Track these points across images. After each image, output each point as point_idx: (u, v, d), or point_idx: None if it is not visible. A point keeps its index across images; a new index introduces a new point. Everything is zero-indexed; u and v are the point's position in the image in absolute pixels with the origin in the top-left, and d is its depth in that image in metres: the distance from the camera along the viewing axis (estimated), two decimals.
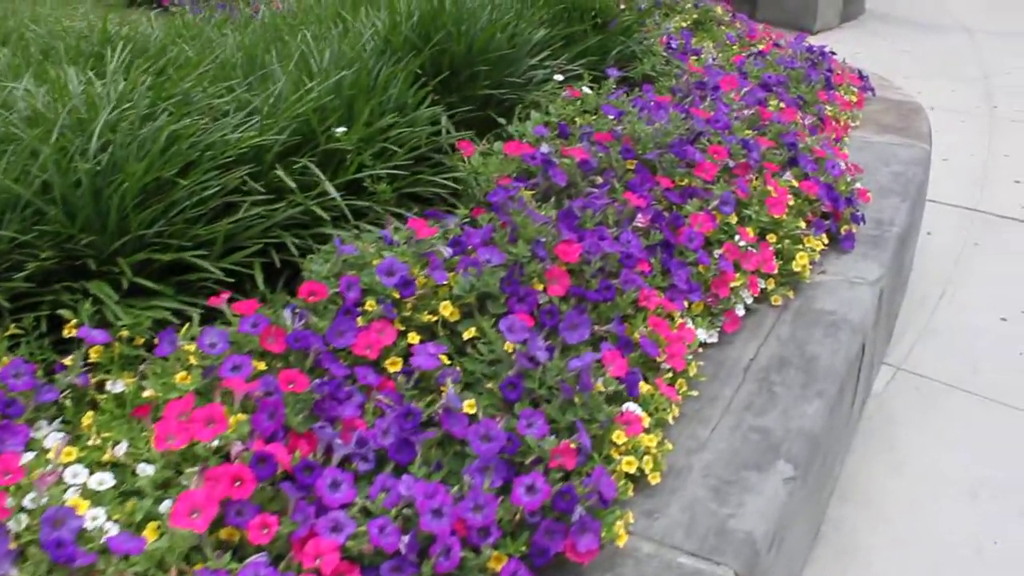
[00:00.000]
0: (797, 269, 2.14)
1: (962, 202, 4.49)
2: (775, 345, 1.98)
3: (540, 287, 1.77)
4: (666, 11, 4.10)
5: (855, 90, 3.45)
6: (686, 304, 1.91)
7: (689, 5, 4.10)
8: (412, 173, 2.11)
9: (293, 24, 2.96)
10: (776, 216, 2.14)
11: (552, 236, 1.85)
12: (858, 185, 2.63)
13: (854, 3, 7.82)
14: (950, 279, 3.75)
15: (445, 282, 1.72)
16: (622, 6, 3.68)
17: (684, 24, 3.97)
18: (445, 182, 2.09)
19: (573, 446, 1.45)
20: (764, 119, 2.58)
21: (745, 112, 2.60)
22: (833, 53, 3.96)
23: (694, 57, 3.37)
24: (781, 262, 2.18)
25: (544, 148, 2.23)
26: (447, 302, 1.71)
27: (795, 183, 2.28)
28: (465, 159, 2.19)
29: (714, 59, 3.42)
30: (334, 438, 1.44)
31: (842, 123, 3.15)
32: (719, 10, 4.13)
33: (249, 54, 2.52)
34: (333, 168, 2.06)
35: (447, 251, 1.80)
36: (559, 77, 2.48)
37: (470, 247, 1.83)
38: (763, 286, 2.11)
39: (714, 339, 1.96)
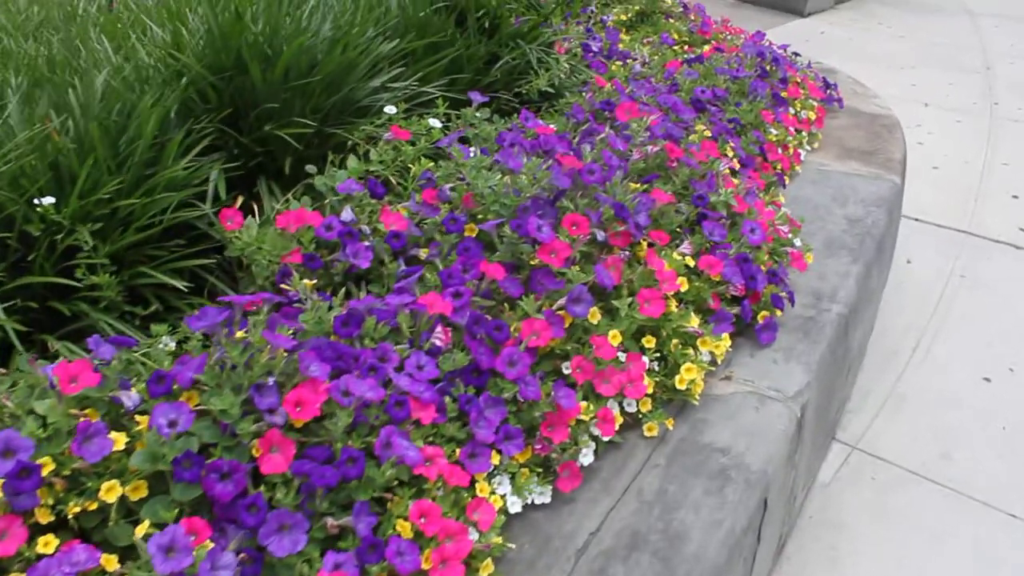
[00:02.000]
0: (682, 388, 1.53)
1: (951, 222, 3.83)
2: (633, 508, 1.37)
3: (260, 454, 1.17)
4: (605, 0, 3.44)
5: (814, 104, 2.79)
6: (496, 462, 1.31)
7: None
8: (150, 257, 1.51)
9: (105, 27, 2.34)
10: (654, 317, 1.52)
11: (291, 374, 1.25)
12: (796, 243, 2.00)
13: None
14: (928, 325, 3.12)
15: (102, 459, 1.13)
16: None
17: (624, 16, 3.32)
18: (165, 280, 1.48)
19: None
20: (672, 159, 1.95)
21: (649, 149, 1.97)
22: (796, 55, 3.30)
23: (618, 63, 2.73)
24: (664, 373, 1.57)
25: (346, 215, 1.62)
26: (114, 482, 1.13)
27: (690, 261, 1.66)
28: (241, 230, 1.59)
29: (644, 65, 2.77)
30: None
31: (792, 150, 2.50)
32: (668, 0, 3.46)
33: None
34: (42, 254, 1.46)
35: (131, 400, 1.21)
36: (391, 109, 1.85)
37: (177, 386, 1.24)
38: (633, 410, 1.51)
39: (546, 499, 1.37)
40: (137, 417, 1.22)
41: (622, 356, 1.51)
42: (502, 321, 1.41)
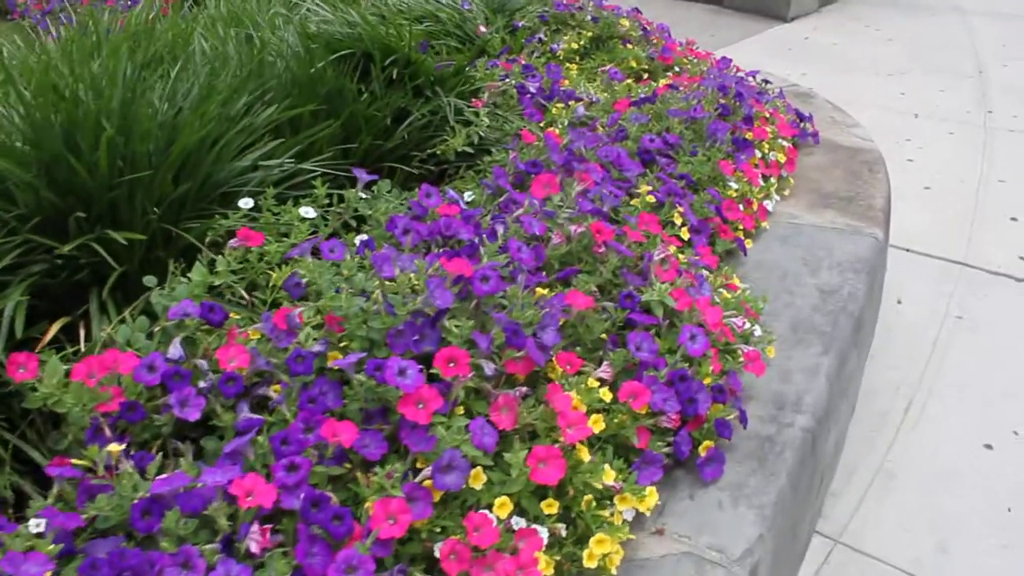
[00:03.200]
0: (592, 565, 1.18)
1: (945, 251, 3.46)
2: None
3: None
4: (556, 26, 3.08)
5: (784, 145, 2.43)
6: None
7: (588, 18, 3.07)
8: None
9: None
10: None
11: None
12: (755, 331, 1.65)
13: None
14: (921, 380, 2.75)
15: None
16: (482, 29, 2.68)
17: (576, 44, 2.95)
18: None
19: None
20: (599, 242, 1.59)
21: (573, 230, 1.61)
22: (767, 81, 2.93)
23: (560, 105, 2.37)
24: (573, 539, 1.22)
25: (174, 350, 1.27)
26: None
27: (606, 394, 1.30)
28: (41, 377, 1.24)
29: (590, 106, 2.41)
30: None
31: (756, 205, 2.14)
32: (626, 23, 3.09)
33: None
34: None
35: None
36: (247, 203, 1.50)
37: None
38: None
39: None
40: None
41: (516, 521, 1.17)
42: (344, 508, 1.06)
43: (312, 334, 1.32)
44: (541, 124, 2.24)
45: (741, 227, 2.02)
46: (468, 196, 1.84)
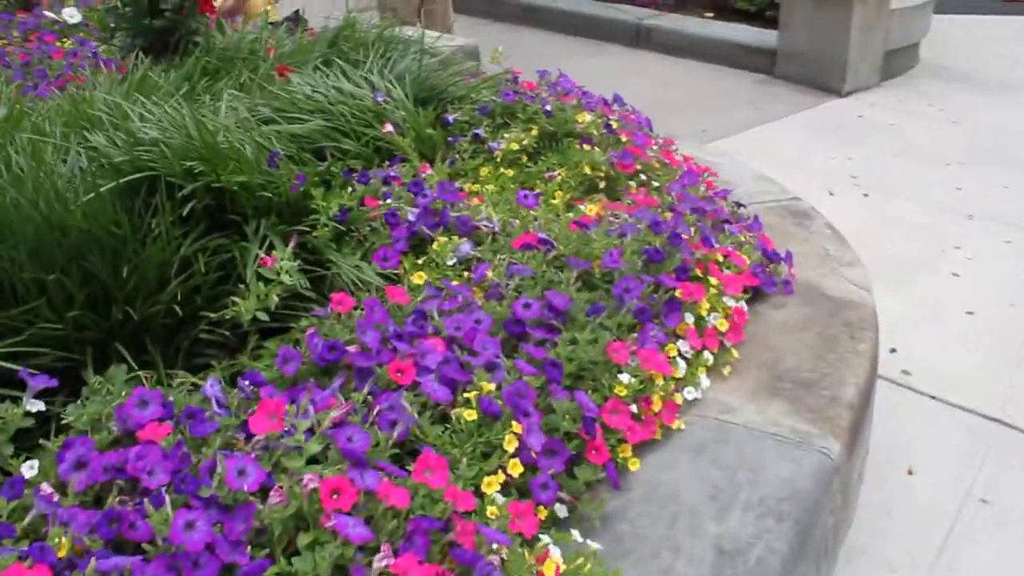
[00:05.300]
0: None
1: (980, 402, 2.70)
2: None
3: None
4: (504, 119, 2.54)
5: (731, 305, 1.80)
6: None
7: (543, 108, 2.51)
8: None
9: None
10: None
11: None
12: None
13: (903, 54, 5.86)
14: None
15: None
16: (388, 127, 2.19)
17: (517, 144, 2.40)
18: None
19: None
20: (328, 511, 1.03)
21: (305, 481, 1.06)
22: (740, 205, 2.30)
23: (442, 239, 1.82)
24: None
25: None
26: None
27: None
28: None
29: (489, 237, 1.85)
30: None
31: (658, 404, 1.53)
32: (586, 117, 2.51)
33: None
34: None
35: None
36: None
37: None
38: None
39: None
40: None
41: None
42: None
43: None
44: (399, 270, 1.69)
45: (621, 443, 1.42)
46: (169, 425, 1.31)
